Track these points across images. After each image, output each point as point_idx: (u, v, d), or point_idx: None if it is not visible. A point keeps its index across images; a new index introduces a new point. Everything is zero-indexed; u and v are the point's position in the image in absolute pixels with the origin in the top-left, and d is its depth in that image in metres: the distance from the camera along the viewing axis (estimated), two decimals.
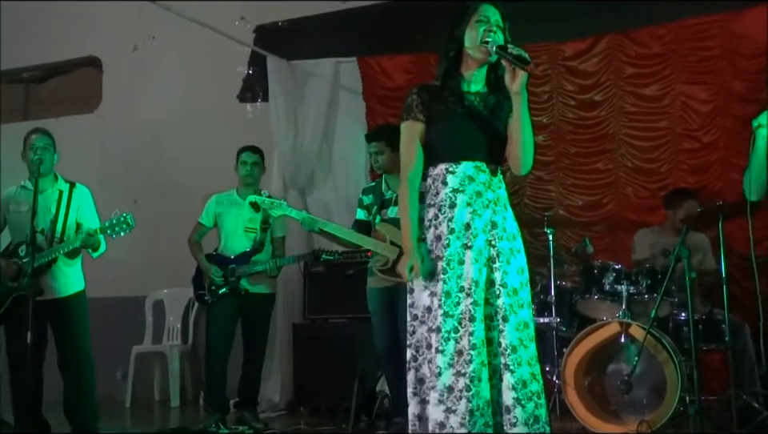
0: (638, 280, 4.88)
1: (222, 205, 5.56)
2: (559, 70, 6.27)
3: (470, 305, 2.85)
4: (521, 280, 2.94)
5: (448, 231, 2.93)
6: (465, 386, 2.80)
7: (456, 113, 3.00)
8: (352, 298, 5.83)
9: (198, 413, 6.44)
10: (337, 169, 6.75)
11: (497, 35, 2.97)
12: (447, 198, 2.95)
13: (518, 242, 3.01)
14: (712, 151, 5.90)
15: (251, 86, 7.21)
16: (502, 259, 2.92)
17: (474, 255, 2.90)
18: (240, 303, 5.39)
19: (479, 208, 2.95)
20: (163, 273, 7.14)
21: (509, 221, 3.01)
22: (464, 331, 2.83)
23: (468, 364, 2.81)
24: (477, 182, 2.96)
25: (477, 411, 2.81)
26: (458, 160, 2.98)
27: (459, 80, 3.06)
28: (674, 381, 4.50)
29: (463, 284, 2.87)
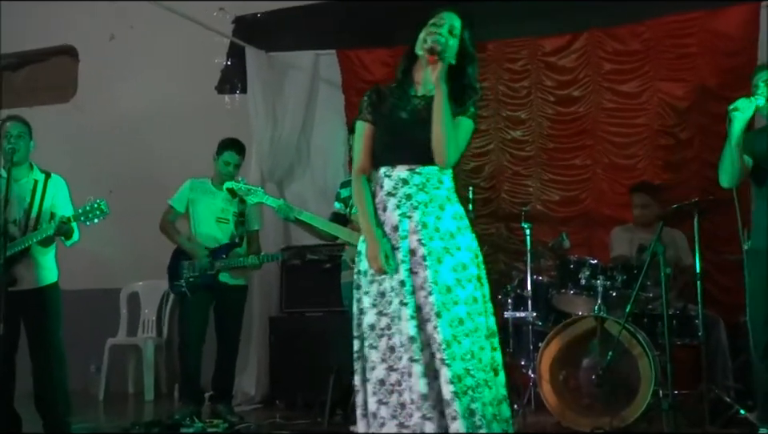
0: (613, 275, 4.90)
1: (196, 192, 5.51)
2: (538, 65, 6.29)
3: (397, 304, 2.95)
4: (456, 278, 2.98)
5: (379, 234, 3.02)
6: (396, 381, 2.92)
7: (397, 117, 3.08)
8: (329, 291, 5.79)
9: (172, 406, 6.37)
10: (315, 162, 6.73)
11: (440, 38, 2.99)
12: (382, 201, 3.07)
13: (456, 240, 3.03)
14: (688, 148, 5.94)
15: (230, 78, 7.17)
16: (433, 258, 2.97)
17: (402, 256, 2.98)
18: (214, 295, 5.36)
19: (408, 210, 3.02)
20: (138, 265, 7.10)
21: (444, 220, 3.04)
22: (396, 329, 2.94)
23: (399, 360, 2.92)
24: (410, 184, 3.03)
25: (411, 404, 2.89)
26: (394, 164, 3.06)
27: (409, 84, 3.13)
28: (647, 376, 4.53)
29: (393, 284, 2.97)
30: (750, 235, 4.31)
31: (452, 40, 3.04)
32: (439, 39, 2.98)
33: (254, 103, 6.56)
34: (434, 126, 2.99)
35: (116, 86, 7.44)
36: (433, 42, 2.97)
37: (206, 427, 4.68)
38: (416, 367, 2.88)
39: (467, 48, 3.09)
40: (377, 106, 3.14)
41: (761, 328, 4.08)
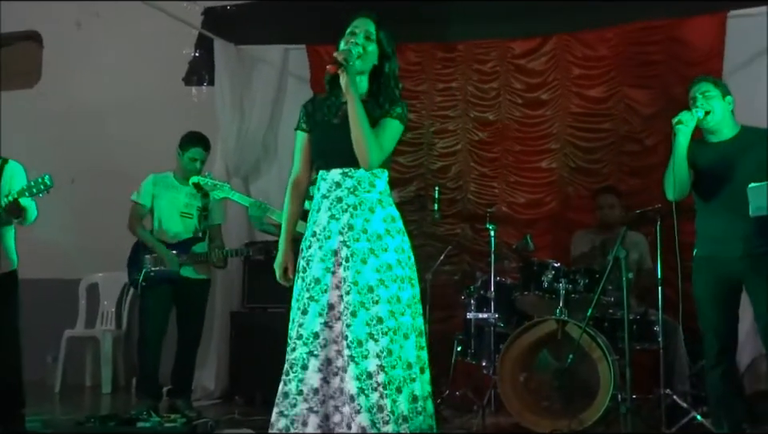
0: (575, 279, 4.93)
1: (158, 186, 5.44)
2: (507, 67, 6.32)
3: (305, 299, 3.12)
4: (380, 278, 3.09)
5: (310, 234, 3.21)
6: (285, 371, 3.15)
7: (329, 123, 3.22)
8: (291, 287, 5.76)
9: (129, 400, 6.32)
10: (282, 157, 6.66)
11: (357, 48, 3.14)
12: (316, 203, 3.24)
13: (384, 242, 3.14)
14: (653, 155, 5.99)
15: (197, 70, 7.07)
16: (356, 259, 3.09)
17: (322, 255, 3.13)
18: (175, 289, 5.30)
19: (337, 213, 3.16)
20: (99, 256, 6.97)
21: (372, 223, 3.15)
22: (303, 321, 3.13)
23: (292, 352, 3.13)
24: (342, 187, 3.17)
25: (297, 394, 3.08)
26: (328, 168, 3.21)
27: (338, 90, 3.20)
28: (606, 379, 4.56)
29: (310, 281, 3.13)
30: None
31: (370, 45, 3.21)
32: (352, 49, 3.13)
33: (221, 96, 6.50)
34: (352, 131, 3.11)
35: (81, 74, 7.31)
36: (337, 54, 3.13)
37: (162, 422, 4.62)
38: (312, 361, 3.07)
39: (384, 48, 3.25)
40: (311, 114, 3.31)
41: (710, 336, 4.13)
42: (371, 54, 3.21)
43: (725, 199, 3.99)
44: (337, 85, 3.19)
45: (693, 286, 4.23)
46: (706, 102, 4.09)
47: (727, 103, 4.13)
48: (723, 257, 3.96)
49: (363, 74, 3.24)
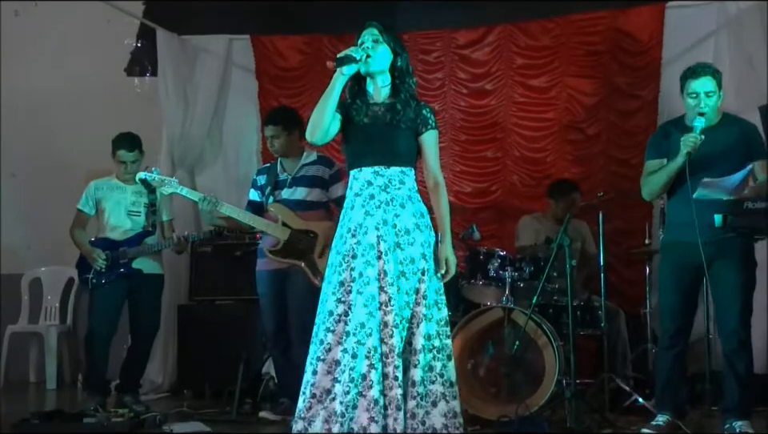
0: (521, 267, 4.99)
1: (102, 190, 5.34)
2: (452, 57, 6.36)
3: (355, 294, 3.27)
4: (401, 270, 3.31)
5: (347, 231, 3.37)
6: (347, 362, 3.21)
7: (359, 124, 3.44)
8: (239, 279, 5.78)
9: (75, 396, 6.23)
10: (227, 148, 6.63)
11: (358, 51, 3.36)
12: (350, 201, 3.42)
13: (411, 236, 3.35)
14: (595, 143, 6.11)
15: (140, 60, 6.97)
16: (388, 253, 3.30)
17: (362, 250, 3.30)
18: (129, 285, 5.23)
19: (371, 209, 3.35)
20: (41, 251, 6.88)
21: (401, 218, 3.36)
22: (352, 316, 3.26)
23: (354, 345, 3.22)
24: (374, 185, 3.37)
25: (351, 383, 3.19)
26: (360, 167, 3.41)
27: (365, 93, 3.49)
28: (552, 365, 4.64)
29: (355, 275, 3.29)
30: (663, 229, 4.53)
31: (380, 46, 3.42)
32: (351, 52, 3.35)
33: (164, 87, 6.41)
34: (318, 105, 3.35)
35: (20, 64, 7.10)
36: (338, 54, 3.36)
37: (110, 417, 4.56)
38: (360, 350, 3.21)
39: (393, 47, 3.46)
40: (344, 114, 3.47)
41: (668, 319, 4.22)
42: (384, 53, 3.43)
43: (693, 186, 3.96)
44: (363, 89, 3.48)
45: (658, 269, 4.33)
46: (706, 104, 4.06)
47: (721, 95, 4.13)
48: (690, 242, 3.98)
49: (384, 73, 3.46)
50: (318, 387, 3.26)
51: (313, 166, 4.90)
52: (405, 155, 3.43)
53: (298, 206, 4.81)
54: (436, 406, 3.29)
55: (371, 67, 3.39)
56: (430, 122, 3.47)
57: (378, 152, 3.39)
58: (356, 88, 3.49)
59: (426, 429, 3.26)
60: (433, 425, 3.27)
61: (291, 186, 4.85)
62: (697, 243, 3.93)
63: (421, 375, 3.27)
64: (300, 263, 4.72)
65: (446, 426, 3.29)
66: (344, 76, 3.33)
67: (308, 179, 4.85)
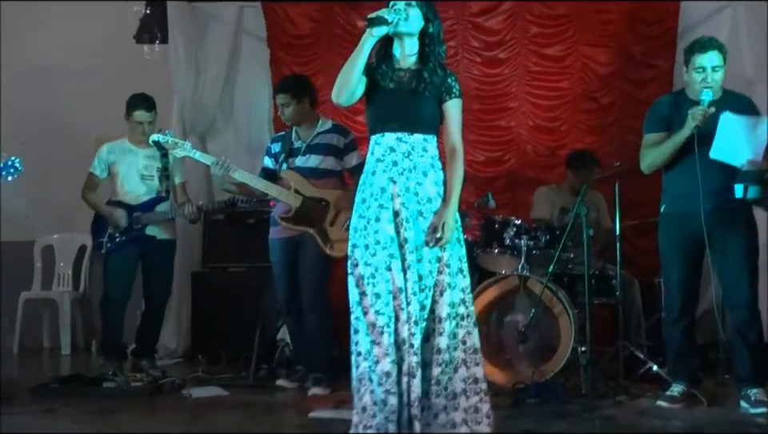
0: (537, 235, 5.00)
1: (115, 153, 5.32)
2: (465, 26, 6.31)
3: (385, 256, 3.24)
4: (424, 239, 3.29)
5: (370, 195, 3.34)
6: (385, 323, 3.21)
7: (384, 89, 3.38)
8: (251, 247, 5.78)
9: (89, 361, 6.29)
10: (238, 116, 6.62)
11: (388, 13, 3.26)
12: (371, 166, 3.37)
13: (433, 204, 3.33)
14: (609, 113, 6.10)
15: (149, 27, 6.90)
16: (410, 221, 3.29)
17: (389, 216, 3.28)
18: (141, 250, 5.24)
19: (395, 176, 3.31)
20: (53, 218, 6.88)
21: (424, 186, 3.33)
22: (380, 278, 3.23)
23: (386, 306, 3.23)
24: (397, 152, 3.33)
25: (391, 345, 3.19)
26: (383, 132, 3.36)
27: (391, 58, 3.42)
28: (567, 333, 4.67)
29: (379, 238, 3.27)
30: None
31: (412, 10, 3.34)
32: (384, 14, 3.26)
33: (175, 55, 6.38)
34: (346, 66, 3.29)
35: (28, 32, 7.06)
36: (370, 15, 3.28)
37: (129, 381, 4.61)
38: (403, 315, 3.21)
39: (425, 12, 3.38)
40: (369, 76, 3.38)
41: (674, 290, 4.23)
42: (416, 18, 3.35)
43: (699, 157, 3.96)
44: (390, 53, 3.40)
45: (659, 241, 4.31)
46: (714, 79, 4.04)
47: (724, 73, 4.10)
48: (692, 213, 3.99)
49: (413, 38, 3.39)
50: (361, 345, 3.25)
51: (327, 134, 4.87)
52: (428, 123, 3.39)
53: (311, 173, 4.80)
54: (457, 371, 3.31)
55: (401, 28, 3.31)
56: (454, 91, 3.41)
57: (402, 118, 3.34)
58: (382, 51, 3.42)
59: (447, 394, 3.28)
60: (453, 390, 3.29)
61: (305, 154, 4.84)
62: (697, 213, 3.94)
63: (446, 342, 3.27)
64: (311, 230, 4.72)
65: (465, 391, 3.30)
66: (373, 38, 3.26)
67: (322, 147, 4.83)
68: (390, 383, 3.17)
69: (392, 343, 3.18)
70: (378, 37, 3.27)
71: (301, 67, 6.23)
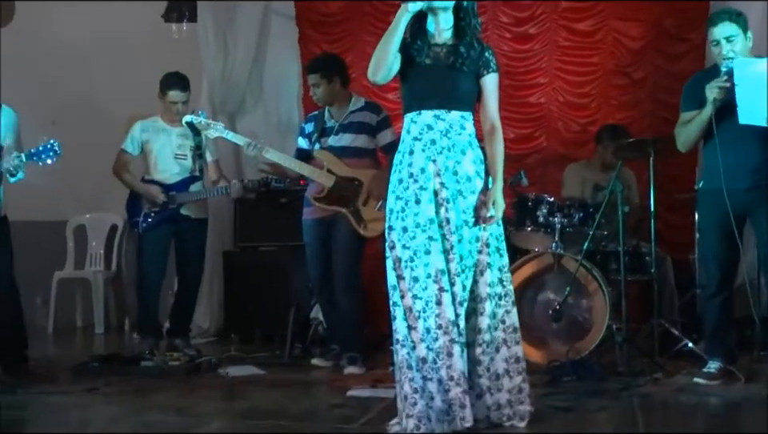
0: (570, 213, 4.97)
1: (148, 132, 5.34)
2: (495, 1, 6.24)
3: (424, 239, 3.19)
4: (465, 219, 3.25)
5: (408, 175, 3.27)
6: (422, 308, 3.17)
7: (420, 65, 3.31)
8: (283, 226, 5.79)
9: (123, 339, 6.37)
10: (268, 95, 6.61)
11: None
12: (408, 145, 3.30)
13: (472, 184, 3.28)
14: (641, 88, 6.03)
15: (177, 6, 6.90)
16: (451, 200, 3.24)
17: (429, 196, 3.23)
18: (176, 229, 5.27)
19: (434, 154, 3.25)
20: (84, 197, 6.93)
21: (463, 165, 3.27)
22: (418, 262, 3.19)
23: (424, 290, 3.17)
24: (434, 130, 3.26)
25: (438, 329, 3.16)
26: (419, 110, 3.30)
27: (425, 33, 3.34)
28: (602, 310, 4.66)
29: (419, 221, 3.21)
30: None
31: None
32: None
33: (204, 34, 6.38)
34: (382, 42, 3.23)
35: (57, 11, 7.07)
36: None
37: (166, 360, 4.65)
38: (445, 297, 3.16)
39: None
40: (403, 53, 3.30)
41: (713, 266, 4.21)
42: None
43: (735, 132, 3.94)
44: (424, 29, 3.33)
45: (697, 217, 4.29)
46: (730, 49, 3.98)
47: (748, 39, 4.03)
48: (730, 189, 3.95)
49: (448, 12, 3.32)
50: (399, 330, 3.22)
51: (360, 112, 4.86)
52: (466, 100, 3.33)
53: (343, 152, 4.79)
54: (498, 351, 3.31)
55: (436, 3, 3.24)
56: (491, 65, 3.36)
57: (439, 95, 3.28)
58: (416, 27, 3.33)
59: (490, 375, 3.29)
60: (496, 371, 3.30)
61: (338, 133, 4.83)
62: (737, 190, 3.92)
63: (487, 322, 3.27)
64: (344, 210, 4.73)
65: (508, 371, 3.31)
66: (409, 13, 3.20)
67: (355, 126, 4.83)
68: (427, 369, 3.15)
69: (427, 328, 3.15)
70: (414, 12, 3.20)
71: (330, 45, 6.21)
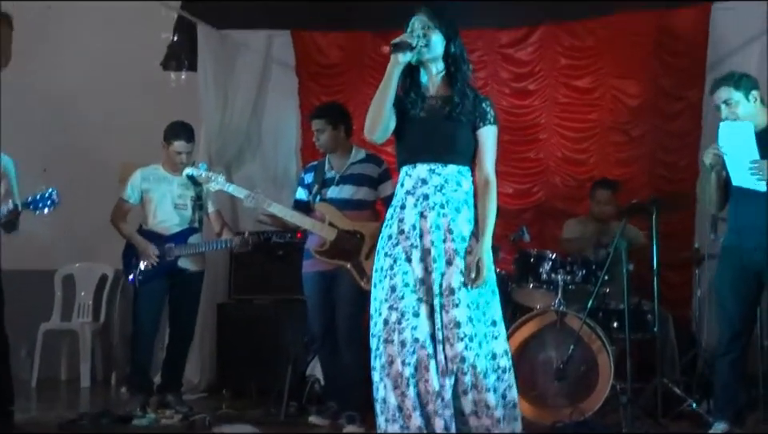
0: (573, 270, 4.94)
1: (149, 181, 5.25)
2: (495, 57, 6.28)
3: (414, 301, 3.06)
4: (462, 280, 3.07)
5: (398, 231, 3.14)
6: (410, 374, 3.02)
7: (414, 118, 3.20)
8: (279, 278, 5.72)
9: (110, 394, 6.20)
10: (266, 145, 6.56)
11: (409, 38, 3.11)
12: (400, 199, 3.19)
13: (468, 244, 3.13)
14: (639, 145, 6.05)
15: (176, 54, 6.83)
16: (441, 261, 3.09)
17: (419, 255, 3.09)
18: (172, 282, 5.16)
19: (426, 210, 3.12)
20: (74, 246, 6.79)
21: (456, 223, 3.13)
22: (406, 324, 3.03)
23: (411, 355, 3.02)
24: (429, 185, 3.13)
25: (427, 394, 3.02)
26: (414, 163, 3.17)
27: (419, 86, 3.25)
28: (606, 370, 4.60)
29: (408, 281, 3.07)
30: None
31: (433, 34, 3.17)
32: (407, 38, 3.11)
33: (204, 83, 6.33)
34: (375, 97, 3.13)
35: (53, 56, 6.98)
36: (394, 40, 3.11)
37: (158, 419, 4.52)
38: (432, 364, 3.02)
39: (446, 32, 3.21)
40: (398, 106, 3.21)
41: (725, 325, 4.18)
42: (436, 40, 3.18)
43: (745, 190, 3.97)
44: (417, 82, 3.24)
45: (716, 273, 4.28)
46: (730, 112, 4.02)
47: (752, 100, 4.05)
48: (746, 247, 3.98)
49: (438, 60, 3.22)
50: (388, 404, 3.06)
51: (361, 164, 4.81)
52: (463, 152, 3.18)
53: (345, 205, 4.73)
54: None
55: (426, 55, 3.14)
56: (489, 117, 3.21)
57: (435, 148, 3.14)
58: (408, 81, 3.24)
59: None
60: None
61: (338, 185, 4.77)
62: (752, 248, 3.91)
63: (485, 397, 3.07)
64: (346, 264, 4.64)
65: None
66: (400, 65, 3.08)
67: (356, 177, 4.77)
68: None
69: (417, 395, 3.01)
70: (404, 63, 3.10)
71: (330, 96, 6.18)
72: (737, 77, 4.10)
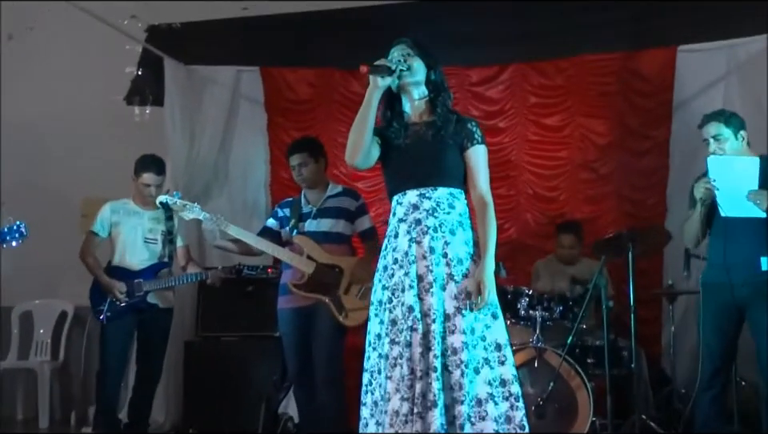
0: (550, 307, 4.95)
1: (118, 214, 5.13)
2: (465, 95, 6.32)
3: (407, 332, 2.97)
4: (456, 306, 2.98)
5: (392, 261, 3.08)
6: (409, 410, 2.90)
7: (400, 147, 3.16)
8: (247, 315, 5.61)
9: None
10: (234, 181, 6.48)
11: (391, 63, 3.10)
12: (393, 228, 3.13)
13: (464, 267, 3.04)
14: (607, 183, 6.12)
15: (140, 89, 6.76)
16: (437, 285, 3.00)
17: (410, 282, 3.01)
18: (140, 318, 5.02)
19: (419, 236, 3.05)
20: (33, 282, 6.57)
21: (452, 246, 3.05)
22: (405, 358, 2.95)
23: (409, 389, 2.91)
24: (420, 209, 3.07)
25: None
26: (403, 190, 3.13)
27: (401, 116, 3.22)
28: (585, 406, 4.59)
29: (405, 310, 2.99)
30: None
31: (414, 61, 3.15)
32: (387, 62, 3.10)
33: (171, 117, 6.24)
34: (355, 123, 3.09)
35: (14, 88, 6.84)
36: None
37: None
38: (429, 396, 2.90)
39: (427, 60, 3.21)
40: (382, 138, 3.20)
41: (706, 361, 4.20)
42: (418, 66, 3.17)
43: (732, 225, 4.01)
44: (398, 110, 3.21)
45: (699, 309, 4.30)
46: (717, 147, 4.08)
47: (740, 139, 4.12)
48: (726, 283, 4.01)
49: (420, 85, 3.20)
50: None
51: (338, 197, 4.77)
52: (452, 174, 3.13)
53: (323, 238, 4.65)
54: None
55: (408, 78, 3.12)
56: (476, 137, 3.18)
57: (423, 172, 3.09)
58: (389, 113, 3.21)
59: None
60: None
61: (316, 218, 4.71)
62: (732, 284, 3.96)
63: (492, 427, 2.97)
64: (324, 298, 4.56)
65: None
66: (380, 89, 3.05)
67: (334, 211, 4.72)
68: None
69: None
70: (384, 88, 3.07)
71: (300, 132, 6.13)
72: (727, 114, 4.18)
